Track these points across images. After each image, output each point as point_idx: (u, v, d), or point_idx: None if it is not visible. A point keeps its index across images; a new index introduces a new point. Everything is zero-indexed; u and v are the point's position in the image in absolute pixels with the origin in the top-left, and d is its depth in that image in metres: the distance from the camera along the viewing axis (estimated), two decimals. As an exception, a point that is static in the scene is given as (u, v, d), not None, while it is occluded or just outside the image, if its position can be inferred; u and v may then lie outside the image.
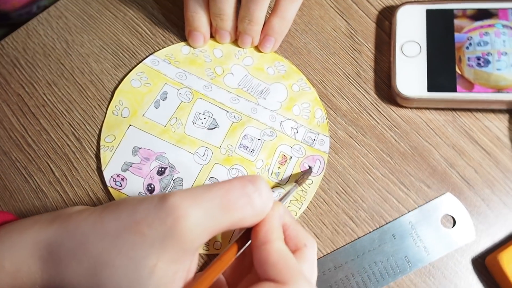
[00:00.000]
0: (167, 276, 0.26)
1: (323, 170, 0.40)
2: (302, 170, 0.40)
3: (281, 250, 0.28)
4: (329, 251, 0.39)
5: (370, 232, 0.39)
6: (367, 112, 0.42)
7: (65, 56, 0.43)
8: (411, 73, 0.41)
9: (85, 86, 0.43)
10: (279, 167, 0.40)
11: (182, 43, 0.44)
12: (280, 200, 0.35)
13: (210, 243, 0.38)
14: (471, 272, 0.38)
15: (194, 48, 0.44)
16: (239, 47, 0.44)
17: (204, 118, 0.42)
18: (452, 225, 0.39)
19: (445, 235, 0.39)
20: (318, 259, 0.38)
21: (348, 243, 0.39)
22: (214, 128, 0.41)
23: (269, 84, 0.43)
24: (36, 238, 0.29)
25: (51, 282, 0.28)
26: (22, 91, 0.42)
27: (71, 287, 0.28)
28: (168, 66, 0.43)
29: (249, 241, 0.30)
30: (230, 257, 0.29)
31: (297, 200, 0.39)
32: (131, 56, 0.44)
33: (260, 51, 0.44)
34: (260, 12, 0.41)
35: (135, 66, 0.43)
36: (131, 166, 0.40)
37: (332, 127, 0.42)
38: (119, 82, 0.42)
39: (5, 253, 0.28)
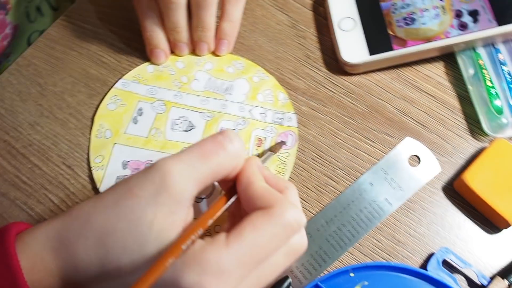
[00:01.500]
0: (165, 226, 0.29)
1: (296, 142, 0.45)
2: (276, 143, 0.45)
3: (265, 186, 0.32)
4: (318, 210, 0.43)
5: (349, 185, 0.43)
6: (322, 86, 0.47)
7: (41, 97, 0.47)
8: (352, 44, 0.47)
9: (66, 119, 0.46)
10: (257, 149, 0.45)
11: (146, 63, 0.48)
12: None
13: (212, 230, 0.42)
14: (445, 199, 0.43)
15: (157, 65, 0.48)
16: (198, 55, 0.49)
17: (181, 123, 0.46)
18: (418, 163, 0.44)
19: (414, 173, 0.44)
20: (310, 219, 0.42)
21: (333, 200, 0.43)
22: (191, 129, 0.45)
23: (232, 81, 0.48)
24: (46, 232, 0.31)
25: (66, 269, 0.30)
26: (8, 137, 0.45)
27: (84, 266, 0.30)
28: (138, 85, 0.47)
29: (236, 195, 0.34)
30: (219, 206, 0.32)
31: (279, 172, 0.44)
32: (102, 84, 0.48)
33: (217, 55, 0.49)
34: (210, 18, 0.46)
35: (108, 91, 0.47)
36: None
37: (296, 105, 0.47)
38: (96, 109, 0.46)
39: (20, 254, 0.30)
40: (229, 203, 0.34)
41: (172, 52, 0.48)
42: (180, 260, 0.28)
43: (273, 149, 0.42)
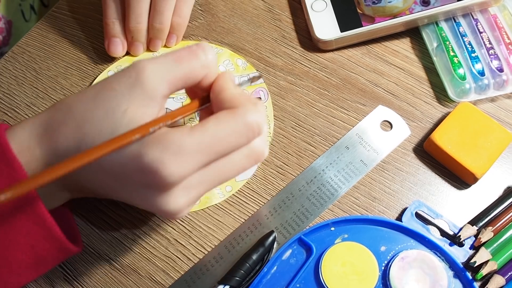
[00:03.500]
0: (137, 116, 0.32)
1: (268, 95, 0.49)
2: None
3: (235, 92, 0.34)
4: (299, 173, 0.46)
5: (327, 149, 0.47)
6: (299, 62, 0.51)
7: (36, 81, 0.50)
8: (324, 23, 0.51)
9: (60, 99, 0.49)
10: None
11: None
12: None
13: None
14: (416, 159, 0.46)
15: (114, 56, 0.50)
16: (152, 51, 0.51)
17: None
18: (390, 128, 0.48)
19: (387, 137, 0.47)
20: (292, 180, 0.45)
21: (312, 163, 0.46)
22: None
23: None
24: (33, 123, 0.34)
25: (49, 154, 0.33)
26: (6, 117, 0.48)
27: (64, 150, 0.33)
28: None
29: (209, 103, 0.36)
30: (191, 107, 0.35)
31: None
32: (93, 67, 0.51)
33: (168, 47, 0.52)
34: (168, 12, 0.49)
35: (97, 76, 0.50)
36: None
37: (274, 80, 0.50)
38: (88, 90, 0.49)
39: (10, 142, 0.33)
40: (202, 107, 0.36)
41: (128, 51, 0.50)
42: (145, 139, 0.31)
43: (252, 79, 0.44)
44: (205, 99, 0.36)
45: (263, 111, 0.35)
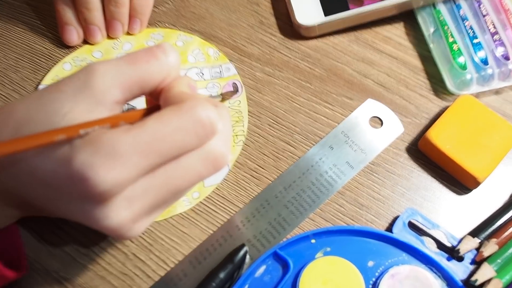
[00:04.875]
0: (78, 120, 0.27)
1: (242, 88, 0.43)
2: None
3: (185, 91, 0.30)
4: (275, 177, 0.40)
5: (308, 150, 0.41)
6: (277, 51, 0.45)
7: (-18, 75, 0.45)
8: (306, 6, 0.45)
9: (9, 95, 0.44)
10: None
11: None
12: None
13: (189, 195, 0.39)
14: (409, 160, 0.41)
15: (70, 45, 0.45)
16: (113, 38, 0.46)
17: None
18: (380, 125, 0.42)
19: (376, 135, 0.42)
20: (268, 185, 0.40)
21: (291, 165, 0.41)
22: (132, 108, 0.43)
23: None
24: None
25: None
26: None
27: None
28: None
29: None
30: (138, 113, 0.30)
31: (237, 122, 0.42)
32: (47, 59, 0.45)
33: (132, 34, 0.46)
34: None
35: (51, 68, 0.45)
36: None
37: (249, 71, 0.44)
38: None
39: None
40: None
41: (85, 40, 0.45)
42: (77, 142, 0.27)
43: (224, 95, 0.40)
44: (157, 105, 0.31)
45: (223, 110, 0.30)
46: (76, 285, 0.37)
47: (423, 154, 0.41)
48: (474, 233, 0.37)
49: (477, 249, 0.37)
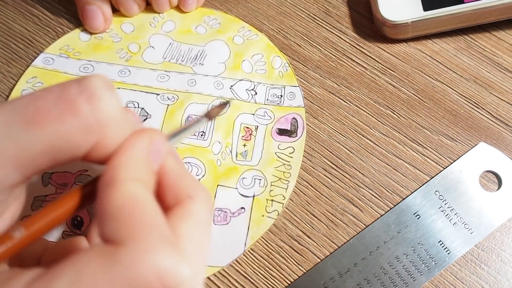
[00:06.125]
0: None
1: (304, 130, 0.29)
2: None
3: (131, 195, 0.18)
4: (327, 253, 0.27)
5: (381, 215, 0.27)
6: (347, 57, 0.32)
7: None
8: (397, -6, 0.31)
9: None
10: (244, 145, 0.30)
11: (78, 30, 0.34)
12: (172, 136, 0.22)
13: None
14: (541, 248, 0.26)
15: (93, 31, 0.34)
16: (154, 12, 0.34)
17: (129, 111, 0.31)
18: (497, 186, 0.27)
19: (490, 201, 0.27)
20: (314, 267, 0.26)
21: (353, 237, 0.27)
22: (146, 119, 0.31)
23: (203, 45, 0.33)
24: None
25: None
26: None
27: None
28: (67, 61, 0.33)
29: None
30: (67, 207, 0.18)
31: (279, 179, 0.28)
32: (27, 45, 0.33)
33: (182, 11, 0.34)
34: None
35: (30, 63, 0.32)
36: (44, 201, 0.29)
37: (305, 85, 0.31)
38: (15, 84, 0.32)
39: None
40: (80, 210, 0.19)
41: (116, 10, 0.34)
42: None
43: (210, 114, 0.26)
44: (92, 186, 0.20)
45: (205, 249, 0.19)
46: None
47: None
48: None
49: None
